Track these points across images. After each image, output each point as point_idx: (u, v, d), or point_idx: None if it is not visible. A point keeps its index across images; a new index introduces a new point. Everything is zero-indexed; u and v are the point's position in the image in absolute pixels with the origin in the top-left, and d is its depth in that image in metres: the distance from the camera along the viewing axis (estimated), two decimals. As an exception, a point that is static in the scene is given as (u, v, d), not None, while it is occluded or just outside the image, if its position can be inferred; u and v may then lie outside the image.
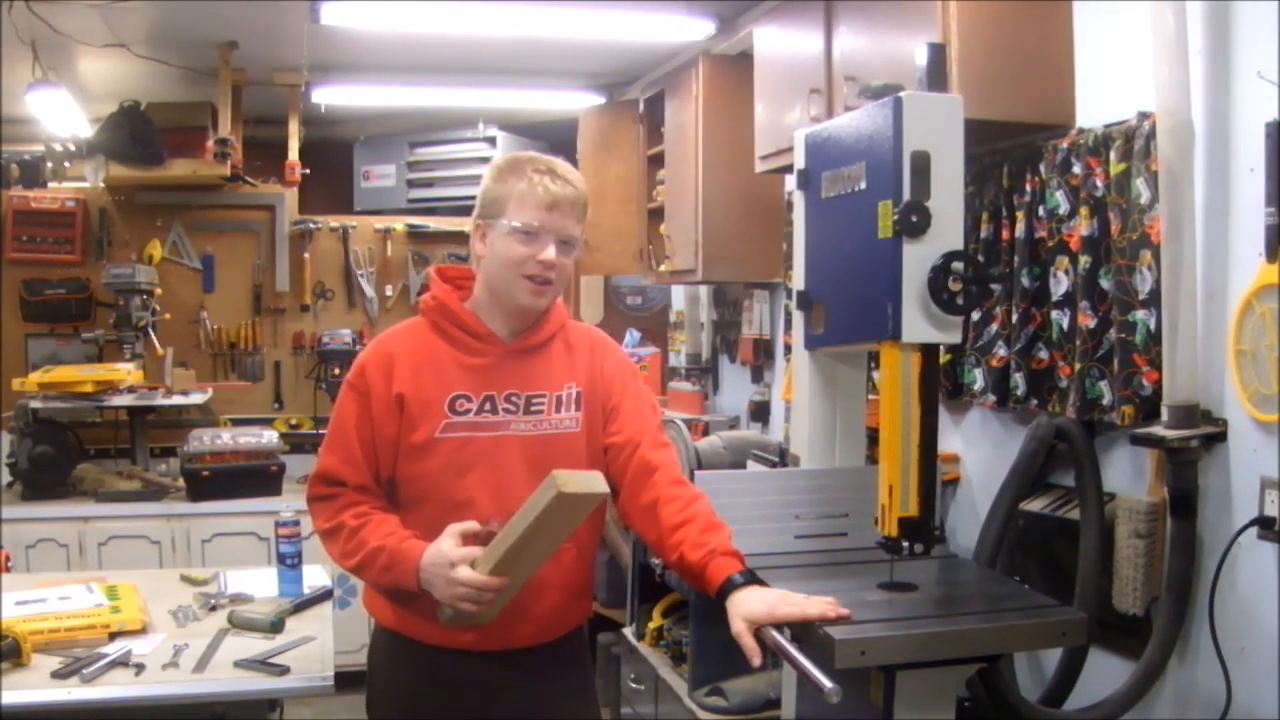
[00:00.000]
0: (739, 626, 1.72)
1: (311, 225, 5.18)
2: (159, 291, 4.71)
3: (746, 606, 1.73)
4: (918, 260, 2.00)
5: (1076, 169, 2.38)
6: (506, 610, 1.86)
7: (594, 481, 1.76)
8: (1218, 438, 2.11)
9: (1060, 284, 2.44)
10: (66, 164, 5.30)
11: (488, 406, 1.93)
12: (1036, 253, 2.52)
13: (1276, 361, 1.95)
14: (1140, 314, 2.21)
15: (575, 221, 1.92)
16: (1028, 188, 2.53)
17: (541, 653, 1.98)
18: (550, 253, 1.89)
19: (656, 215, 4.44)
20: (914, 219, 1.99)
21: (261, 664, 2.19)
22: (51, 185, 5.20)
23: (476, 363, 1.94)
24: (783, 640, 1.73)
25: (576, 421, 1.97)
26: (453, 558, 1.76)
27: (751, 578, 1.80)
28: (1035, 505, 2.51)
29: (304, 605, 2.58)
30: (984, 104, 2.35)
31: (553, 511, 1.70)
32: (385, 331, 2.03)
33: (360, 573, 1.91)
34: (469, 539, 1.80)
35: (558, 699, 2.02)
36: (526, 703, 1.98)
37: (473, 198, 2.01)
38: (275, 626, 2.40)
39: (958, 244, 2.04)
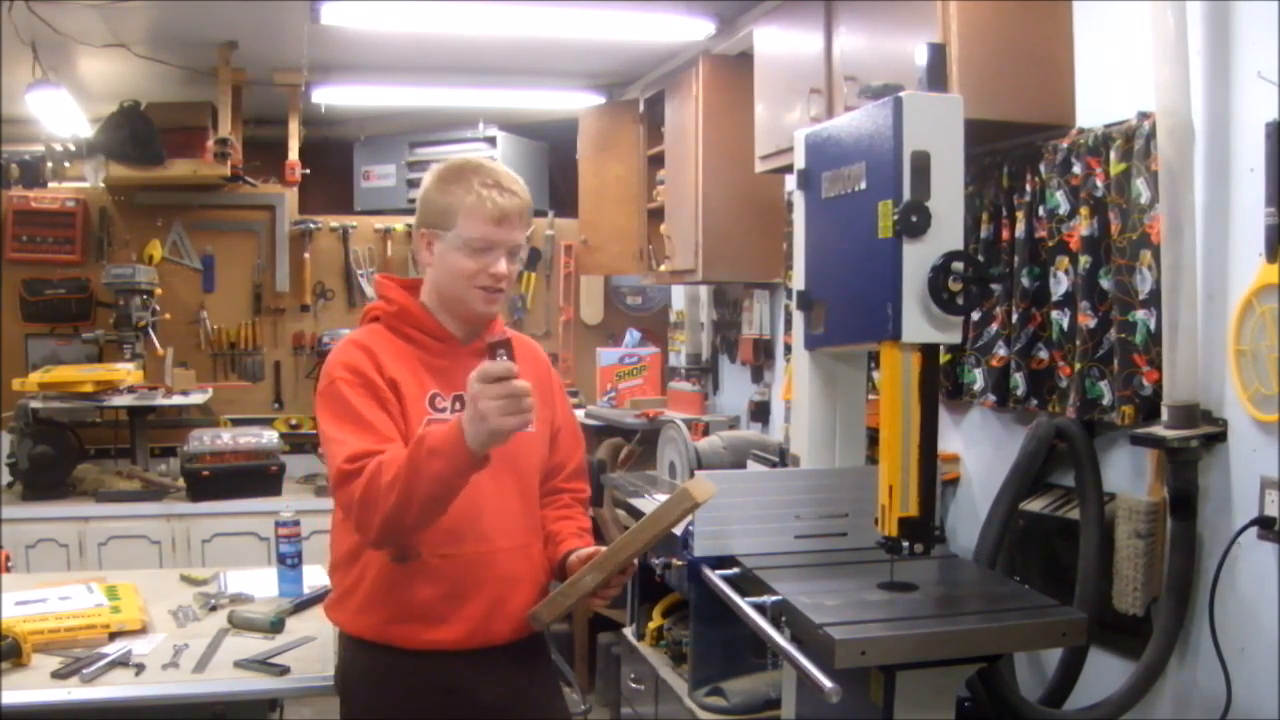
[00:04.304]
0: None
1: (311, 225, 5.19)
2: (159, 291, 4.71)
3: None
4: (918, 260, 2.00)
5: (1076, 169, 2.38)
6: (486, 607, 1.91)
7: (708, 483, 1.84)
8: (1218, 438, 2.11)
9: (1060, 284, 2.44)
10: (66, 164, 5.30)
11: (459, 406, 1.94)
12: (1036, 253, 2.52)
13: (1276, 361, 1.95)
14: (1140, 314, 2.21)
15: (522, 230, 1.96)
16: (1028, 188, 2.53)
17: (515, 650, 2.00)
18: (501, 266, 1.93)
19: (656, 215, 4.43)
20: (914, 219, 1.99)
21: (261, 664, 2.19)
22: (51, 185, 5.20)
23: (440, 364, 1.97)
24: (783, 640, 1.74)
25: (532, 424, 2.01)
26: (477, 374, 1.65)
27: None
28: (1035, 505, 2.51)
29: (304, 605, 2.58)
30: (984, 104, 2.35)
31: (681, 517, 1.84)
32: (345, 338, 2.00)
33: (412, 487, 1.69)
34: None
35: (533, 694, 2.04)
36: (506, 700, 1.99)
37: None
38: (275, 626, 2.40)
39: (958, 244, 2.04)
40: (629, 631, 3.54)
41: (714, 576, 2.29)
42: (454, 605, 1.91)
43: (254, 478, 4.31)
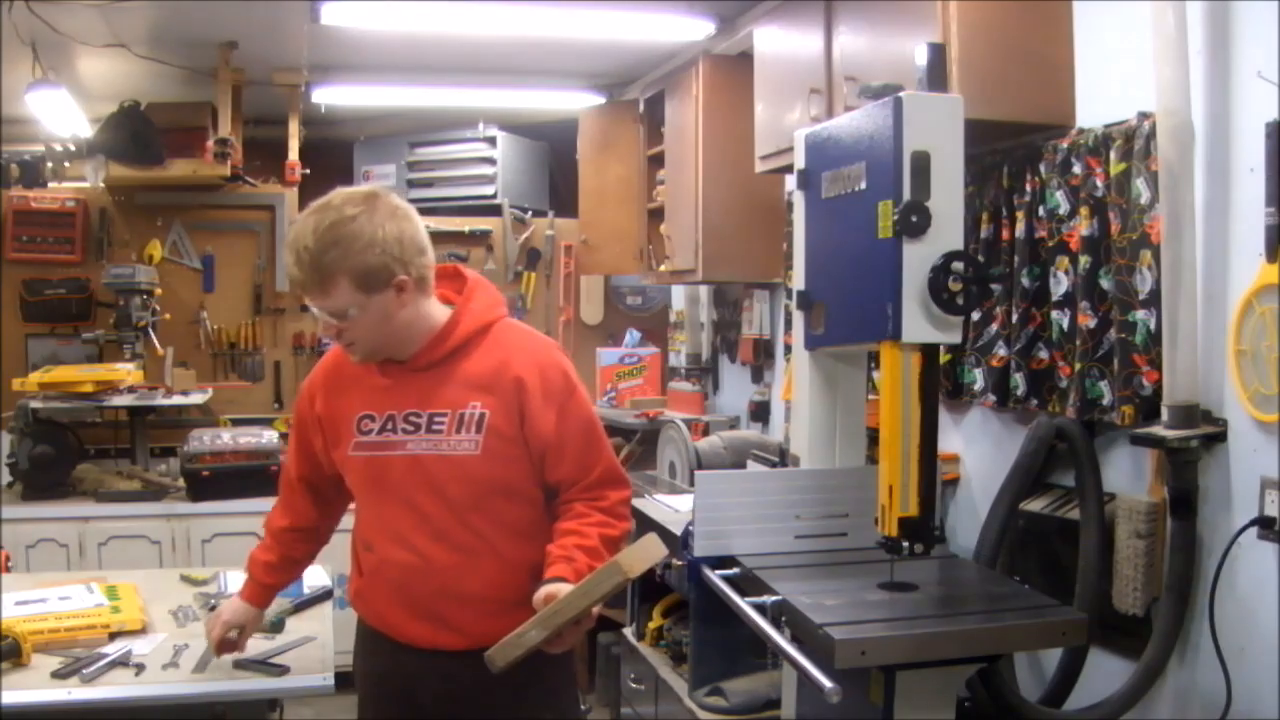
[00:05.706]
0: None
1: (312, 225, 5.17)
2: (159, 291, 4.71)
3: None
4: (918, 260, 2.00)
5: (1076, 169, 2.38)
6: (427, 615, 1.97)
7: (651, 548, 1.82)
8: (1218, 438, 2.11)
9: (1060, 284, 2.44)
10: (66, 164, 5.29)
11: (389, 426, 1.98)
12: (1036, 253, 2.52)
13: (1276, 361, 1.95)
14: (1140, 314, 2.21)
15: (324, 294, 1.85)
16: (1028, 188, 2.53)
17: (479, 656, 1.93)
18: (321, 325, 1.97)
19: (656, 215, 4.44)
20: (914, 219, 1.99)
21: (261, 664, 2.19)
22: (51, 185, 5.19)
23: (384, 382, 2.00)
24: (783, 640, 1.74)
25: (476, 444, 1.94)
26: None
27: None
28: (1035, 505, 2.51)
29: (304, 605, 2.58)
30: (984, 104, 2.35)
31: (614, 590, 1.81)
32: (324, 355, 2.17)
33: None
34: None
35: (517, 700, 2.00)
36: (472, 700, 1.99)
37: (473, 197, 2.04)
38: (275, 626, 2.40)
39: (958, 244, 2.04)
40: (629, 631, 3.55)
41: (714, 576, 2.29)
42: (395, 607, 2.01)
43: (254, 478, 4.30)
